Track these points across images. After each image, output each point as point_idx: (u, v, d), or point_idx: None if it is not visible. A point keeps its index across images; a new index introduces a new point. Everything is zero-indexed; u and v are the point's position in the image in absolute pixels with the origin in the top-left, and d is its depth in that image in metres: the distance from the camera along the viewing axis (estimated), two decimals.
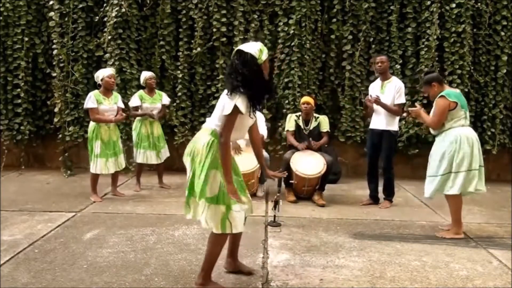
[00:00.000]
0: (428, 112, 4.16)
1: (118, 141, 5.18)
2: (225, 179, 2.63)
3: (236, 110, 2.59)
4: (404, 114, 5.02)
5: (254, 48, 2.66)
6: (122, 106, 5.18)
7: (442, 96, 3.92)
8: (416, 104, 4.45)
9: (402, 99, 4.83)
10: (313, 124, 5.32)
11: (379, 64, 4.91)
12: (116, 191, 5.31)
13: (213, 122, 2.76)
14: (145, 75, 5.59)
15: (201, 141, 2.72)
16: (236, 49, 2.73)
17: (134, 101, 5.48)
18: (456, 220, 3.99)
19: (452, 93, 3.93)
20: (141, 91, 5.60)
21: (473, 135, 3.94)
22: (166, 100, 5.72)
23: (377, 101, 4.79)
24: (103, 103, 4.94)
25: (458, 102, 3.88)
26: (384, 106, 4.80)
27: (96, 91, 5.00)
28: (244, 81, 2.60)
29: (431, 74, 4.11)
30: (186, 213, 2.84)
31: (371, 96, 4.92)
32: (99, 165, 4.96)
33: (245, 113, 2.64)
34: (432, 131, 4.16)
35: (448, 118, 3.91)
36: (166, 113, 5.88)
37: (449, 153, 3.86)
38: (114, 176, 5.27)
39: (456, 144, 3.84)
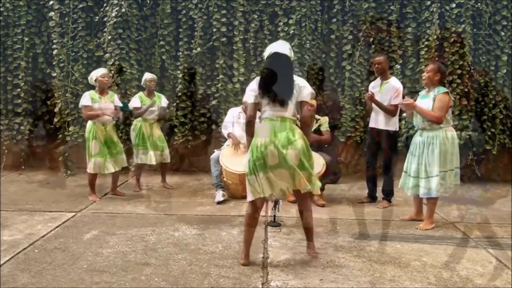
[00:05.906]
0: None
1: (118, 142, 5.18)
2: None
3: None
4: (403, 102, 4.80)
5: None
6: (120, 104, 5.18)
7: (446, 92, 4.06)
8: (406, 97, 4.39)
9: (398, 100, 4.74)
10: (314, 126, 5.29)
11: (376, 65, 4.92)
12: (116, 191, 5.30)
13: (290, 114, 3.20)
14: (146, 77, 5.60)
15: (294, 133, 3.15)
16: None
17: (135, 102, 5.48)
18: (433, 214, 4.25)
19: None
20: (140, 93, 5.61)
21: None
22: (164, 102, 5.72)
23: (372, 98, 4.78)
24: (99, 102, 4.95)
25: (452, 103, 4.08)
26: (378, 104, 4.79)
27: (91, 91, 5.03)
28: None
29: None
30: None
31: (370, 92, 4.92)
32: (96, 164, 4.96)
33: None
34: (428, 125, 4.06)
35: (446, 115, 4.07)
36: (166, 114, 5.87)
37: (453, 150, 4.05)
38: (115, 176, 5.27)
39: (455, 143, 4.09)
